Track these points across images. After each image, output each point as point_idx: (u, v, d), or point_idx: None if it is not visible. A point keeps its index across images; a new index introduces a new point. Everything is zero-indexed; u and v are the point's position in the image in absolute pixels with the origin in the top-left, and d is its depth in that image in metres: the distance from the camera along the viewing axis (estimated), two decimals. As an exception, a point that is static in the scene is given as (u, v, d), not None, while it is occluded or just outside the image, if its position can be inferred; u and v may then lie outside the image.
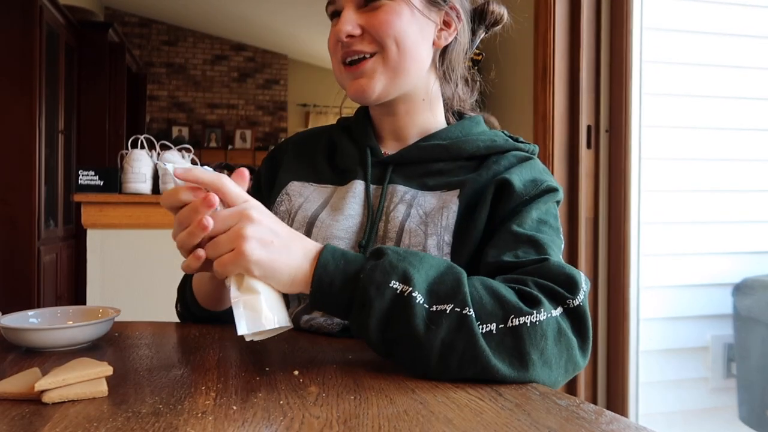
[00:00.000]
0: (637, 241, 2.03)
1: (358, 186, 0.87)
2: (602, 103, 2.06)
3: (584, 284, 0.68)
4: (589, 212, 2.07)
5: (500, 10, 0.93)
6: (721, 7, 2.12)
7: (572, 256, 2.06)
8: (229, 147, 7.49)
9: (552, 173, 2.06)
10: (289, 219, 0.88)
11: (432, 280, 0.64)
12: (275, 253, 0.63)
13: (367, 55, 0.83)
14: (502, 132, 0.94)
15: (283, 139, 1.04)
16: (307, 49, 7.27)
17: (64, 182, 4.20)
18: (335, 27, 0.85)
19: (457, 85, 0.92)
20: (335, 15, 0.86)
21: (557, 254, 0.75)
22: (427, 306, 0.62)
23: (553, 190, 0.82)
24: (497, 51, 1.01)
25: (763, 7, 2.15)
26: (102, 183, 2.39)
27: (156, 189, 2.43)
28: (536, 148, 0.93)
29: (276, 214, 0.89)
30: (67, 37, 4.22)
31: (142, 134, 2.59)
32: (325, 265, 0.64)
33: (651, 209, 2.06)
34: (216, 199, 0.63)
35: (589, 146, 2.06)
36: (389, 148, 0.92)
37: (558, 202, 0.85)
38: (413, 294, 0.62)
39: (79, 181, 2.37)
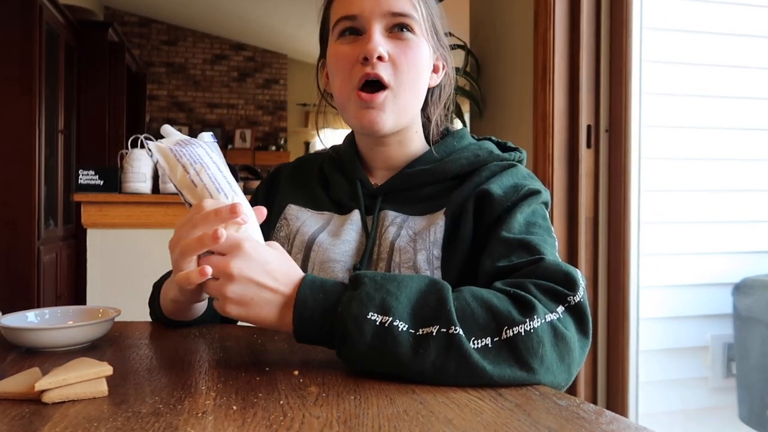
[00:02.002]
0: (636, 241, 2.03)
1: (355, 215, 0.89)
2: (602, 102, 2.06)
3: (582, 280, 0.69)
4: (589, 212, 2.07)
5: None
6: (721, 7, 2.12)
7: (572, 256, 2.05)
8: (229, 147, 7.48)
9: (552, 173, 2.08)
10: (289, 244, 0.90)
11: (414, 303, 0.64)
12: (254, 308, 0.65)
13: (384, 85, 0.82)
14: (489, 139, 0.95)
15: (275, 167, 1.06)
16: (306, 49, 7.27)
17: (64, 182, 4.20)
18: (354, 46, 0.83)
19: (433, 119, 0.94)
20: (349, 32, 0.84)
21: (551, 253, 0.75)
22: (412, 331, 0.62)
23: (536, 192, 0.83)
24: (497, 51, 1.00)
25: (763, 7, 2.14)
26: (102, 183, 2.39)
27: (156, 188, 2.43)
28: (523, 155, 0.93)
29: (276, 240, 0.91)
30: (67, 37, 4.22)
31: (142, 134, 2.58)
32: (304, 300, 0.65)
33: (651, 209, 2.06)
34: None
35: (589, 146, 2.06)
36: (379, 178, 0.93)
37: (546, 204, 0.85)
38: (394, 323, 0.62)
39: (79, 181, 2.37)
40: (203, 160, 0.68)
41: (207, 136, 0.73)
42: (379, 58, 0.81)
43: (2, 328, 0.76)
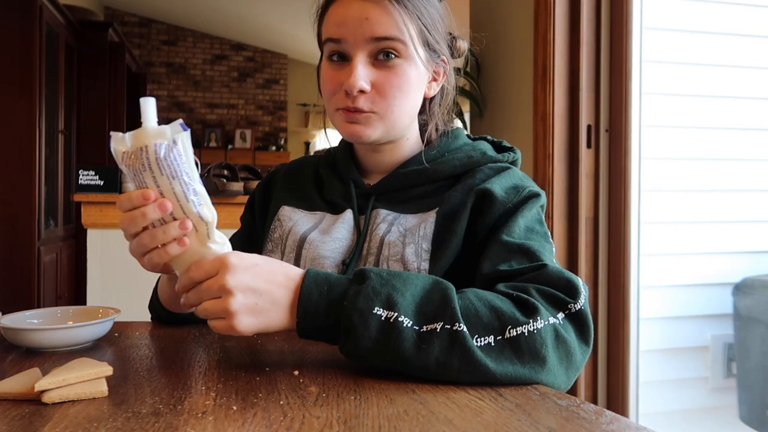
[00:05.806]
0: (637, 241, 2.03)
1: (347, 214, 0.89)
2: (602, 102, 2.06)
3: (583, 288, 0.69)
4: (589, 212, 2.06)
5: (464, 45, 0.94)
6: (721, 7, 2.11)
7: (572, 256, 2.05)
8: (229, 147, 7.48)
9: (552, 173, 2.08)
10: (282, 244, 0.90)
11: (419, 300, 0.64)
12: (263, 314, 0.64)
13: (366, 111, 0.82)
14: (485, 139, 0.95)
15: (273, 169, 1.06)
16: (306, 49, 7.27)
17: (64, 182, 4.19)
18: (339, 72, 0.82)
19: (435, 119, 0.93)
20: (337, 56, 0.83)
21: (550, 259, 0.76)
22: (417, 328, 0.62)
23: (536, 195, 0.83)
24: (497, 51, 1.00)
25: (763, 7, 2.14)
26: (102, 183, 2.39)
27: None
28: (517, 155, 0.93)
29: (271, 241, 0.92)
30: (67, 37, 4.22)
31: (142, 134, 2.59)
32: (308, 293, 0.65)
33: (651, 209, 2.06)
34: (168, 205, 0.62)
35: (589, 146, 2.06)
36: (372, 179, 0.93)
37: (542, 207, 0.86)
38: (399, 319, 0.62)
39: (79, 181, 2.37)
40: (146, 185, 0.63)
41: (177, 126, 0.62)
42: (361, 91, 0.80)
43: (2, 328, 0.76)
